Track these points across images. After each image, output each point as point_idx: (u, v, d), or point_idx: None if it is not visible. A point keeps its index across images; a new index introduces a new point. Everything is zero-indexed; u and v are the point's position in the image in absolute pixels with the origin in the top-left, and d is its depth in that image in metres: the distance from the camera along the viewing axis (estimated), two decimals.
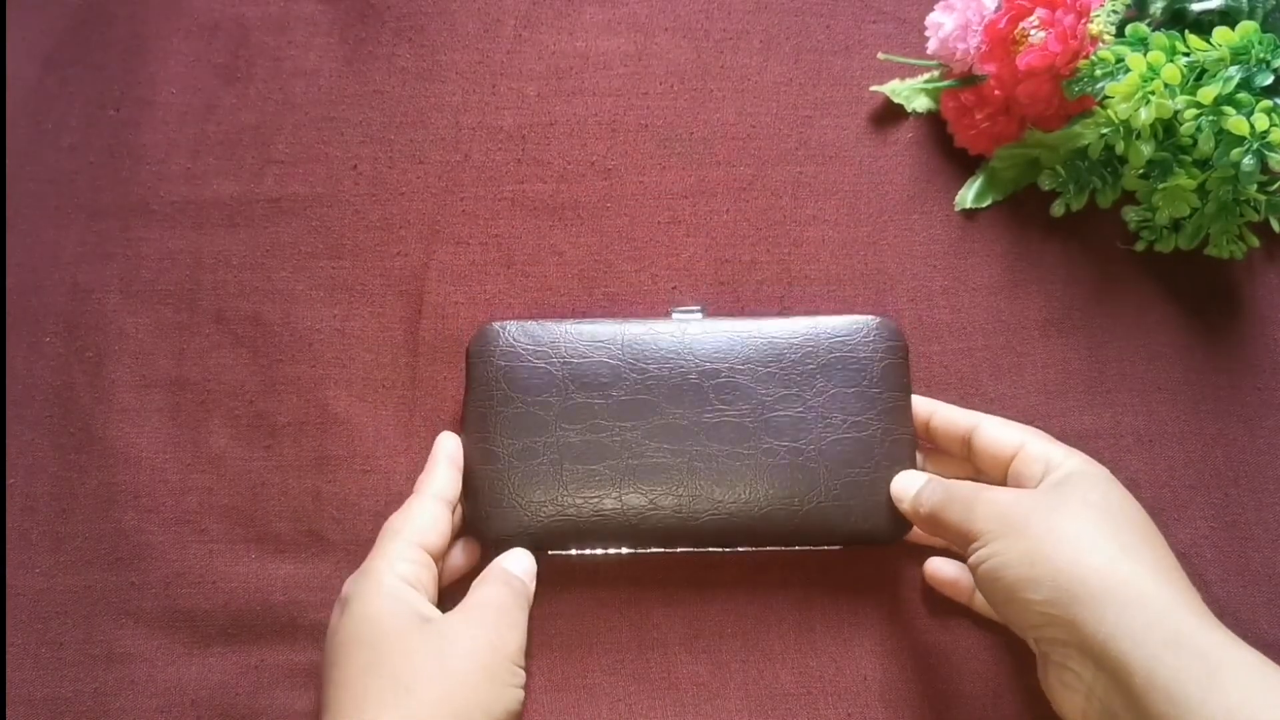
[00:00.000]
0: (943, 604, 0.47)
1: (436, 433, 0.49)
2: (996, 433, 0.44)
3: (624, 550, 0.47)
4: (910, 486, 0.44)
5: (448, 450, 0.46)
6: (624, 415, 0.46)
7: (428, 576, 0.43)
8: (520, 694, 0.41)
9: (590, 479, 0.45)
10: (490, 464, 0.46)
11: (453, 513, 0.45)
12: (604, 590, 0.48)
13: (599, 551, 0.47)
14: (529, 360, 0.47)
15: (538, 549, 0.46)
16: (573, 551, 0.47)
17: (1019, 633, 0.40)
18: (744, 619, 0.47)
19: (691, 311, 0.48)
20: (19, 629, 0.48)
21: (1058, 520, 0.38)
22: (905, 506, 0.44)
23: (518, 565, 0.45)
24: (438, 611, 0.42)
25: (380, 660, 0.39)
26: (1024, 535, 0.38)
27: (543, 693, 0.46)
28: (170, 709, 0.47)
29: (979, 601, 0.46)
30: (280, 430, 0.50)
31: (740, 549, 0.47)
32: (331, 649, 0.41)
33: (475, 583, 0.44)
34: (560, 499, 0.45)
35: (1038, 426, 0.45)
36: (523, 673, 0.41)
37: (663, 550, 0.47)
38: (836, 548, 0.47)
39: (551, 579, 0.48)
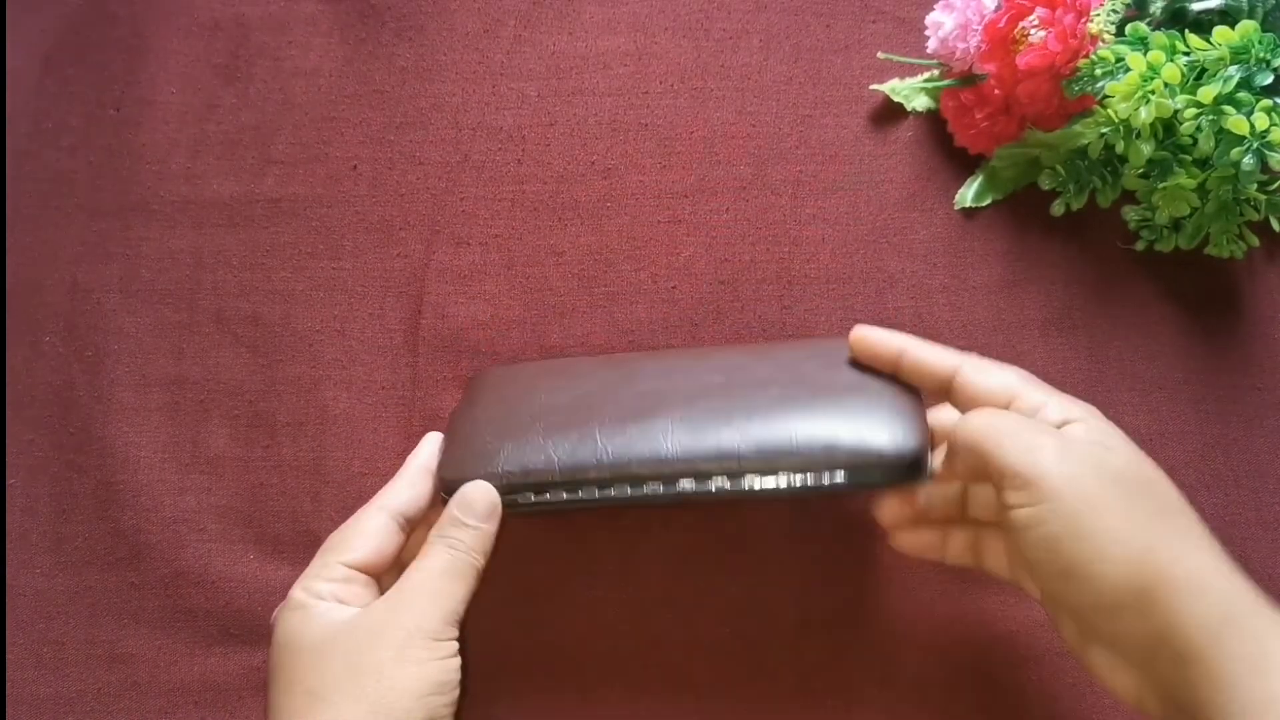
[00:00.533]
0: (943, 599, 0.47)
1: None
2: (982, 381, 0.40)
3: (599, 494, 0.41)
4: (953, 414, 0.41)
5: (419, 459, 0.44)
6: (611, 381, 0.44)
7: (352, 591, 0.41)
8: (447, 665, 0.39)
9: (571, 419, 0.42)
10: (468, 420, 0.44)
11: (406, 526, 0.43)
12: (601, 590, 0.48)
13: (565, 497, 0.42)
14: (520, 368, 0.47)
15: (511, 491, 0.42)
16: (546, 497, 0.42)
17: (1057, 603, 0.38)
18: (742, 617, 0.47)
19: None
20: (19, 629, 0.48)
21: (1129, 504, 0.36)
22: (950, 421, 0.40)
23: (471, 511, 0.41)
24: (355, 611, 0.40)
25: (292, 678, 0.39)
26: (1092, 510, 0.36)
27: (541, 694, 0.46)
28: (173, 710, 0.47)
29: (951, 554, 0.43)
30: (280, 430, 0.50)
31: (728, 485, 0.40)
32: (267, 679, 0.41)
33: (424, 544, 0.42)
34: (538, 438, 0.42)
35: None
36: (446, 644, 0.39)
37: (641, 495, 0.41)
38: (841, 483, 0.40)
39: (550, 579, 0.48)
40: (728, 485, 0.40)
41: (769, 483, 0.40)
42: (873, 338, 0.43)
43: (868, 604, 0.47)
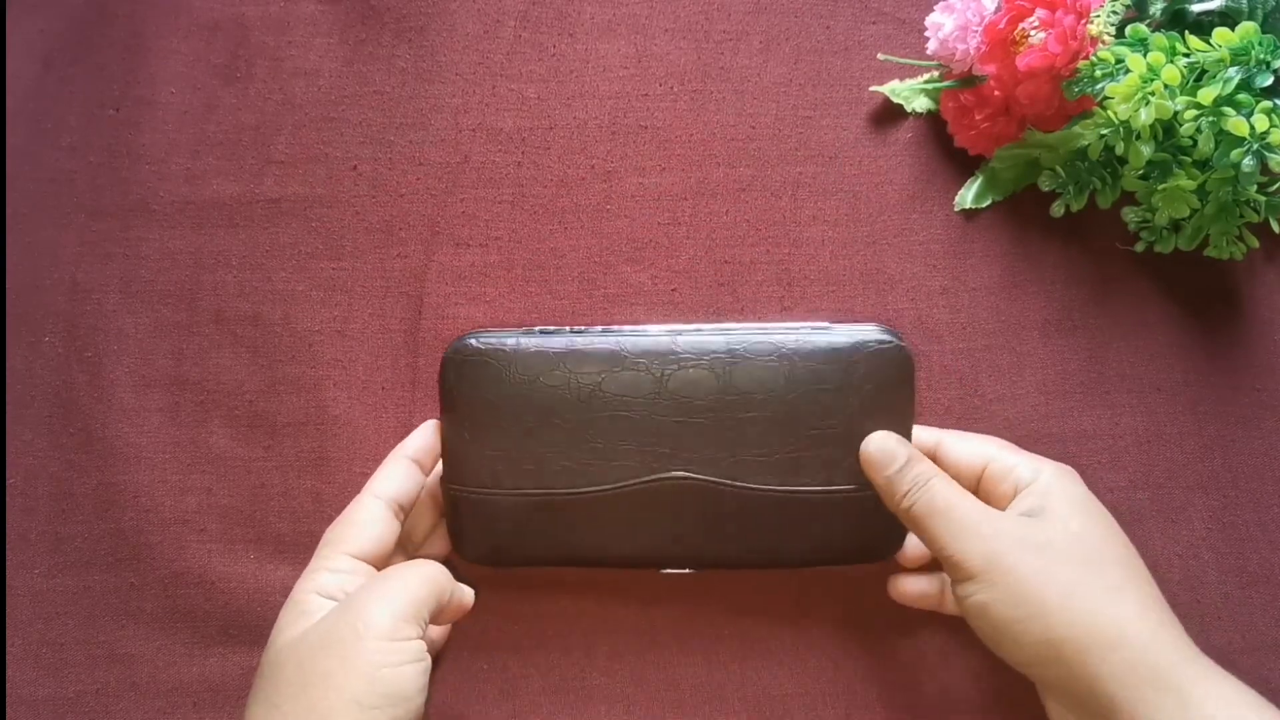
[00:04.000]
0: None
1: None
2: (959, 451, 0.44)
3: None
4: (896, 455, 0.41)
5: (408, 449, 0.44)
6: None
7: (358, 583, 0.40)
8: (402, 673, 0.36)
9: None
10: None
11: (400, 513, 0.43)
12: (602, 591, 0.48)
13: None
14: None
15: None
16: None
17: (1007, 661, 0.40)
18: (741, 618, 0.47)
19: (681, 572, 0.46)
20: (19, 629, 0.48)
21: (1046, 561, 0.39)
22: (881, 478, 0.41)
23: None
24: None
25: (259, 685, 0.38)
26: (1012, 574, 0.38)
27: (541, 694, 0.46)
28: (172, 710, 0.47)
29: (949, 604, 0.45)
30: (280, 430, 0.50)
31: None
32: None
33: None
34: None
35: (1036, 427, 0.45)
36: (402, 646, 0.37)
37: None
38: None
39: (549, 580, 0.48)
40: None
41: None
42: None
43: (868, 606, 0.47)
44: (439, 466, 0.46)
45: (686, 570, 0.45)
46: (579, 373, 0.43)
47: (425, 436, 0.45)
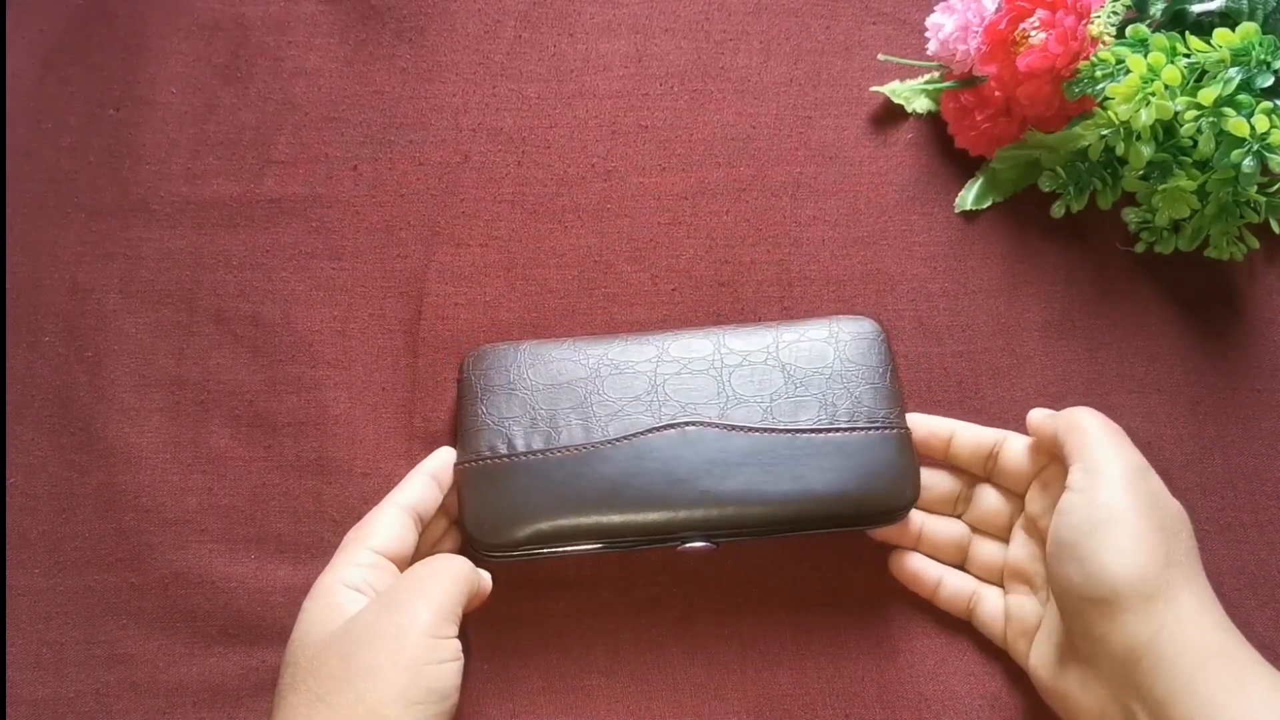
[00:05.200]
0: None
1: (436, 434, 0.50)
2: (973, 430, 0.46)
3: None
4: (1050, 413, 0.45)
5: (428, 466, 0.46)
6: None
7: (381, 578, 0.41)
8: (444, 670, 0.38)
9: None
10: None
11: (419, 523, 0.44)
12: (603, 592, 0.48)
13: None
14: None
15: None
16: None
17: (1055, 580, 0.40)
18: (741, 620, 0.47)
19: (700, 545, 0.45)
20: (19, 629, 0.48)
21: (1153, 506, 0.40)
22: (1035, 420, 0.45)
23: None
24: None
25: (297, 675, 0.38)
26: (1129, 491, 0.39)
27: (541, 694, 0.46)
28: (172, 710, 0.47)
29: (944, 597, 0.46)
30: (280, 430, 0.50)
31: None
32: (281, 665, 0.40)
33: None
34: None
35: None
36: (444, 644, 0.38)
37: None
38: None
39: (551, 581, 0.48)
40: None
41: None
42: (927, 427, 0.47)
43: (868, 608, 0.47)
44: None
45: (701, 544, 0.44)
46: (585, 349, 0.48)
47: (444, 457, 0.46)
